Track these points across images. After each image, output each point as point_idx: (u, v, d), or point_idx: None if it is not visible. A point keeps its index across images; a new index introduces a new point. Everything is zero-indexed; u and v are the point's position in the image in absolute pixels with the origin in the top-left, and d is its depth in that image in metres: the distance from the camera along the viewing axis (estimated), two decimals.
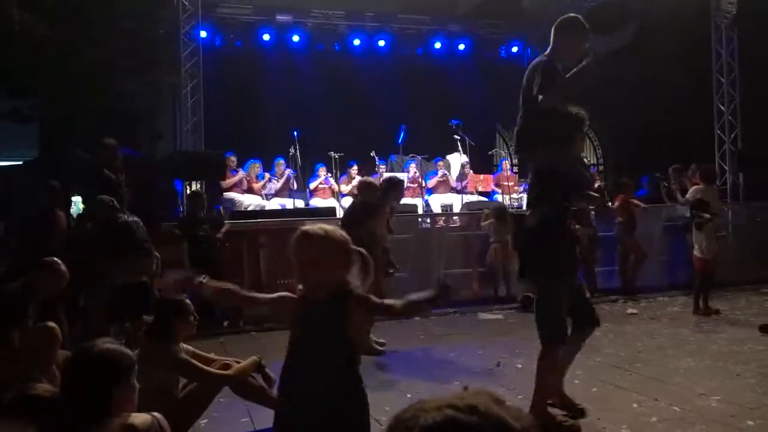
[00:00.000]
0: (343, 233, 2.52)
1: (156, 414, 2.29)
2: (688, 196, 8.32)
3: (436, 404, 1.00)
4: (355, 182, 10.65)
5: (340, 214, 9.79)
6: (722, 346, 5.95)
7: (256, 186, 11.01)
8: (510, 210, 10.26)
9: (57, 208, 6.16)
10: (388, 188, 6.64)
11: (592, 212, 10.12)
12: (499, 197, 11.71)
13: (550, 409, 4.08)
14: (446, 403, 0.99)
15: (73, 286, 5.14)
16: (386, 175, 11.34)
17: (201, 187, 9.89)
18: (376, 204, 6.46)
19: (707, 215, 7.46)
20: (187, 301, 3.91)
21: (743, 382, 4.78)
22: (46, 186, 6.30)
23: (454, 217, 10.59)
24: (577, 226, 8.49)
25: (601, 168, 16.81)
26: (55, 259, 4.51)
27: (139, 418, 2.21)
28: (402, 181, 7.27)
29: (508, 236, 8.95)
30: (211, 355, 4.11)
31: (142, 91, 12.01)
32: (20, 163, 10.53)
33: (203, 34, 11.91)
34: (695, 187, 8.18)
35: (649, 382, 4.88)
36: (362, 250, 2.62)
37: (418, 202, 11.35)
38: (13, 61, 10.13)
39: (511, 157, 15.35)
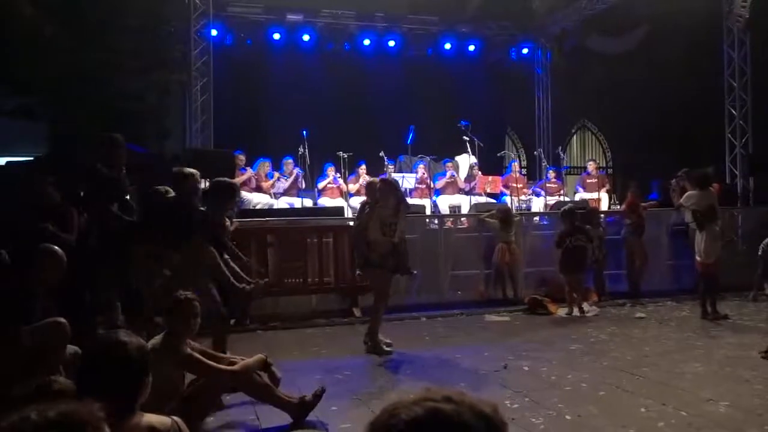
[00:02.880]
0: None
1: (175, 417, 2.27)
2: (681, 201, 8.28)
3: (410, 401, 1.03)
4: (362, 182, 10.67)
5: (348, 213, 9.80)
6: (730, 352, 5.92)
7: (265, 185, 11.03)
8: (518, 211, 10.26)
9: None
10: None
11: (602, 214, 10.11)
12: (507, 199, 11.68)
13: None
14: (421, 398, 1.03)
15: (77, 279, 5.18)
16: (394, 175, 11.38)
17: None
18: (363, 205, 6.69)
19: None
20: (194, 300, 3.92)
21: (751, 388, 4.75)
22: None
23: (462, 219, 10.58)
24: (587, 227, 8.50)
25: (610, 171, 16.75)
26: (55, 247, 4.54)
27: (158, 419, 2.19)
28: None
29: (512, 237, 8.94)
30: (221, 354, 4.13)
31: (152, 89, 12.06)
32: (30, 159, 10.58)
33: (214, 32, 11.95)
34: (689, 192, 8.13)
35: (656, 386, 4.85)
36: None
37: (426, 203, 11.35)
38: (22, 58, 10.19)
39: (520, 159, 15.37)
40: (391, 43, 14.15)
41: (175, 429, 2.19)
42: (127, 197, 6.17)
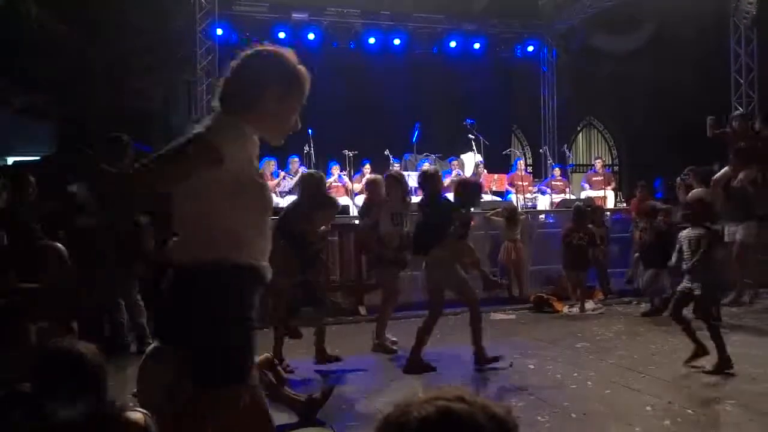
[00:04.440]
0: None
1: (145, 411, 2.31)
2: (687, 199, 8.25)
3: (423, 399, 1.03)
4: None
5: (353, 212, 9.80)
6: (737, 350, 5.88)
7: (271, 183, 11.04)
8: (524, 209, 10.25)
9: None
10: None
11: (607, 212, 10.09)
12: (513, 197, 11.67)
13: None
14: (434, 396, 1.03)
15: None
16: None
17: None
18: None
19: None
20: None
21: (758, 387, 4.73)
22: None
23: None
24: (590, 226, 8.50)
25: (616, 168, 16.71)
26: (57, 244, 4.56)
27: (136, 415, 2.23)
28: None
29: (518, 236, 8.94)
30: None
31: (158, 87, 12.10)
32: (38, 158, 10.62)
33: (219, 31, 11.97)
34: (695, 190, 8.12)
35: (662, 384, 4.85)
36: None
37: None
38: (31, 57, 10.24)
39: (525, 157, 15.34)
40: (397, 42, 14.15)
41: (150, 424, 2.22)
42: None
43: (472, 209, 5.89)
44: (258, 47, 2.33)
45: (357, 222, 8.01)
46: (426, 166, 6.20)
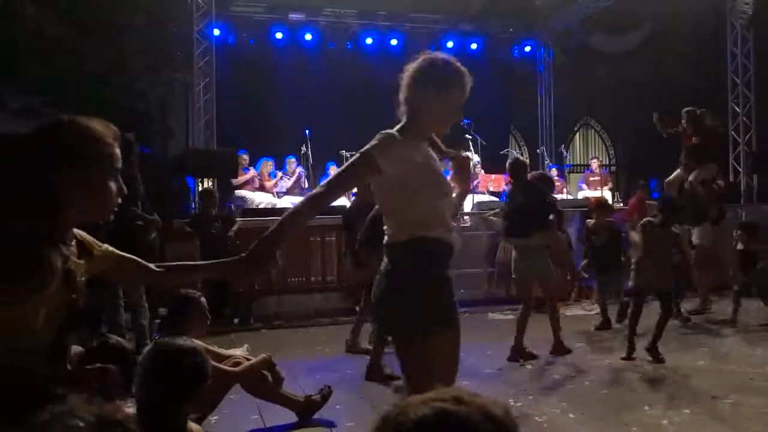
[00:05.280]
0: None
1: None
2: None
3: (420, 400, 1.03)
4: None
5: None
6: (734, 350, 5.91)
7: (268, 184, 11.03)
8: None
9: None
10: None
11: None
12: None
13: None
14: (431, 397, 1.03)
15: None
16: None
17: (213, 185, 9.92)
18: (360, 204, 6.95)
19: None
20: (202, 298, 3.93)
21: (756, 386, 4.74)
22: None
23: (465, 217, 10.55)
24: (589, 220, 8.50)
25: (613, 168, 16.73)
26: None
27: (196, 427, 2.31)
28: None
29: None
30: (224, 351, 4.13)
31: (155, 88, 12.09)
32: None
33: (216, 32, 11.95)
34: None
35: (660, 384, 4.85)
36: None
37: None
38: (27, 58, 10.22)
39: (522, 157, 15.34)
40: (394, 42, 14.14)
41: None
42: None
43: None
44: (420, 58, 2.79)
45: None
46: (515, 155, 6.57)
